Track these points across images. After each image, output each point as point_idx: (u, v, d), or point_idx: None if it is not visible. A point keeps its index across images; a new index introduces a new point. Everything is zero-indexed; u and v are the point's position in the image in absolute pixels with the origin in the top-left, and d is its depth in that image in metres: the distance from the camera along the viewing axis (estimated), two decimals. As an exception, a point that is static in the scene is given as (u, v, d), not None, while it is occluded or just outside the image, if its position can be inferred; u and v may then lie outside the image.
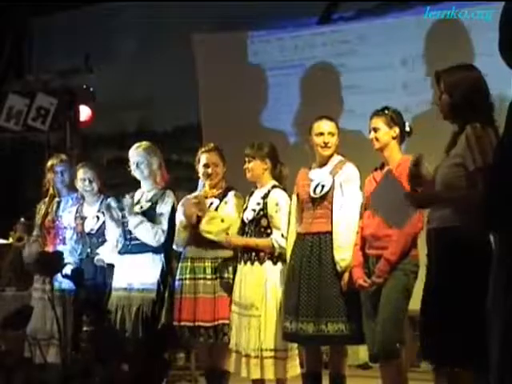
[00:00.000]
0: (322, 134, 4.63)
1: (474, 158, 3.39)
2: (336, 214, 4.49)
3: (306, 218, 4.63)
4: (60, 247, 5.61)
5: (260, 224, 4.80)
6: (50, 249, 5.65)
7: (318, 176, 4.65)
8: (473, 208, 3.29)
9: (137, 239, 5.20)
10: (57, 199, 5.95)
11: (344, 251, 4.42)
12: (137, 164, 5.28)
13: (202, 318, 4.87)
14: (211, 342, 4.88)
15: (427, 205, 3.72)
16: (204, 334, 4.87)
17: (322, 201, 4.57)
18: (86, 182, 5.67)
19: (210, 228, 4.92)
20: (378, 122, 4.36)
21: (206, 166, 5.09)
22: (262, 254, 4.77)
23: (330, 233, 4.49)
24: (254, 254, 4.78)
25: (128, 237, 5.26)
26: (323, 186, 4.58)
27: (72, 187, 5.90)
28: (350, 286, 4.38)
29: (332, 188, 4.53)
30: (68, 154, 6.83)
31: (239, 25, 7.88)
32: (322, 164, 4.68)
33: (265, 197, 4.83)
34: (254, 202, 4.88)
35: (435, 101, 3.77)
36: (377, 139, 4.35)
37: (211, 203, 5.06)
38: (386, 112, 4.37)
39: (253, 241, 4.80)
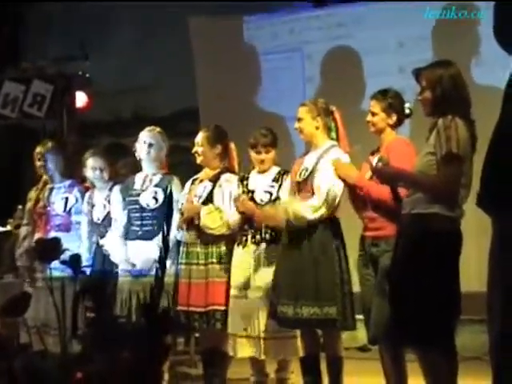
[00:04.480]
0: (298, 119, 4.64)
1: (441, 146, 3.57)
2: (315, 191, 4.45)
3: None
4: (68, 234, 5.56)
5: None
6: (40, 235, 5.51)
7: (307, 161, 4.63)
8: (430, 193, 3.61)
9: (149, 225, 5.14)
10: (49, 186, 5.86)
11: (301, 211, 4.41)
12: (149, 144, 5.21)
13: (195, 303, 4.88)
14: (204, 327, 4.89)
15: (391, 180, 3.87)
16: (198, 319, 4.87)
17: (304, 185, 4.55)
18: (97, 172, 5.52)
19: (209, 224, 4.91)
20: (376, 107, 4.33)
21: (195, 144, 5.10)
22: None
23: None
24: (268, 235, 4.76)
25: (139, 223, 5.18)
26: (307, 170, 4.57)
27: (65, 173, 5.82)
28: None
29: (314, 171, 4.50)
30: (64, 140, 6.81)
31: (235, 9, 7.85)
32: (314, 149, 4.65)
33: (276, 180, 4.84)
34: (266, 184, 4.87)
35: (417, 97, 3.84)
36: (373, 124, 4.34)
37: (204, 187, 5.05)
38: (385, 97, 4.32)
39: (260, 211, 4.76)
